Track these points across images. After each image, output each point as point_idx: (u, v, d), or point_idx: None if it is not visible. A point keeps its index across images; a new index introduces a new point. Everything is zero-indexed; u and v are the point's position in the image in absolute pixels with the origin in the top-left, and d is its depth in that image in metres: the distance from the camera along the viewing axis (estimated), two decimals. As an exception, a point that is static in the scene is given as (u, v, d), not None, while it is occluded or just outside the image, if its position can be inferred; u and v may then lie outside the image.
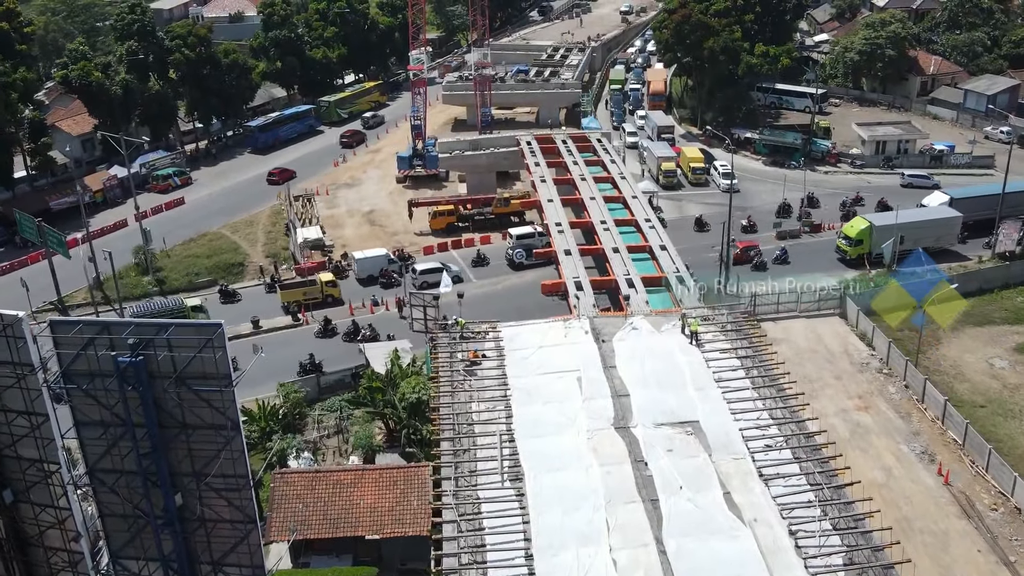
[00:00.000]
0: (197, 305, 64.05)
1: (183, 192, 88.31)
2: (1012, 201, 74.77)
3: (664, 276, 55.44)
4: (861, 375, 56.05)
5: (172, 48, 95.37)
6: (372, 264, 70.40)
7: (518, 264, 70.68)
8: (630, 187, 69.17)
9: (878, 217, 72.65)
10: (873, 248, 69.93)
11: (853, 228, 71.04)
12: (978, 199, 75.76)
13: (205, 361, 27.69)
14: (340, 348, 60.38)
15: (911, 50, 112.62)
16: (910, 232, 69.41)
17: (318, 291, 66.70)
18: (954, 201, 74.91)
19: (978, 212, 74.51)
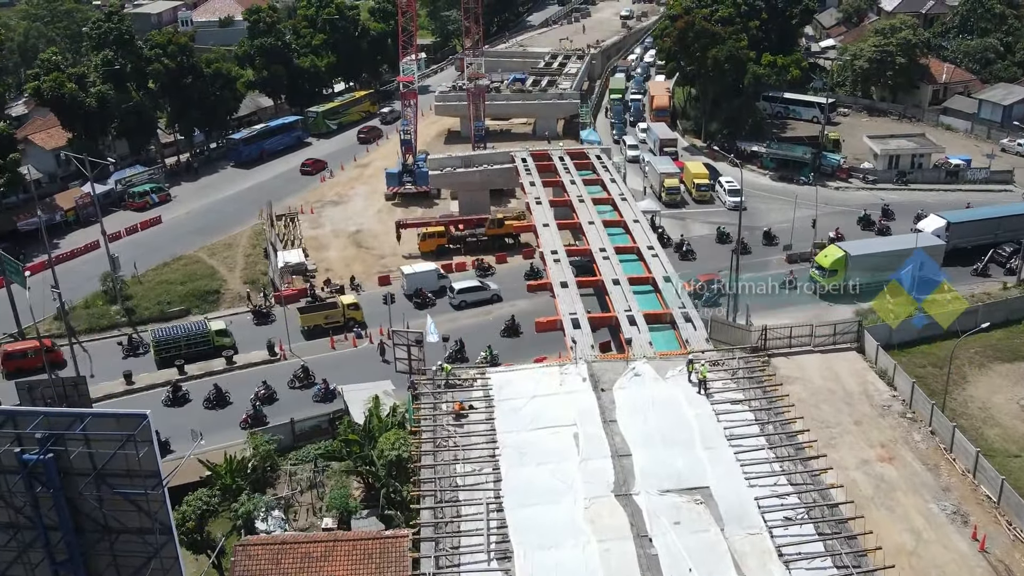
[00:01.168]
0: (222, 329, 60.41)
1: (161, 210, 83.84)
2: (1013, 225, 70.68)
3: (670, 312, 50.98)
4: (883, 420, 51.63)
5: (151, 58, 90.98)
6: (421, 280, 66.82)
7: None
8: (631, 209, 64.71)
9: (854, 246, 67.80)
10: (848, 279, 65.24)
11: (827, 257, 65.96)
12: (977, 223, 71.49)
13: (129, 457, 23.39)
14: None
15: (922, 57, 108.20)
16: (888, 261, 64.56)
17: (340, 314, 62.96)
18: (951, 226, 70.16)
19: (978, 237, 70.38)
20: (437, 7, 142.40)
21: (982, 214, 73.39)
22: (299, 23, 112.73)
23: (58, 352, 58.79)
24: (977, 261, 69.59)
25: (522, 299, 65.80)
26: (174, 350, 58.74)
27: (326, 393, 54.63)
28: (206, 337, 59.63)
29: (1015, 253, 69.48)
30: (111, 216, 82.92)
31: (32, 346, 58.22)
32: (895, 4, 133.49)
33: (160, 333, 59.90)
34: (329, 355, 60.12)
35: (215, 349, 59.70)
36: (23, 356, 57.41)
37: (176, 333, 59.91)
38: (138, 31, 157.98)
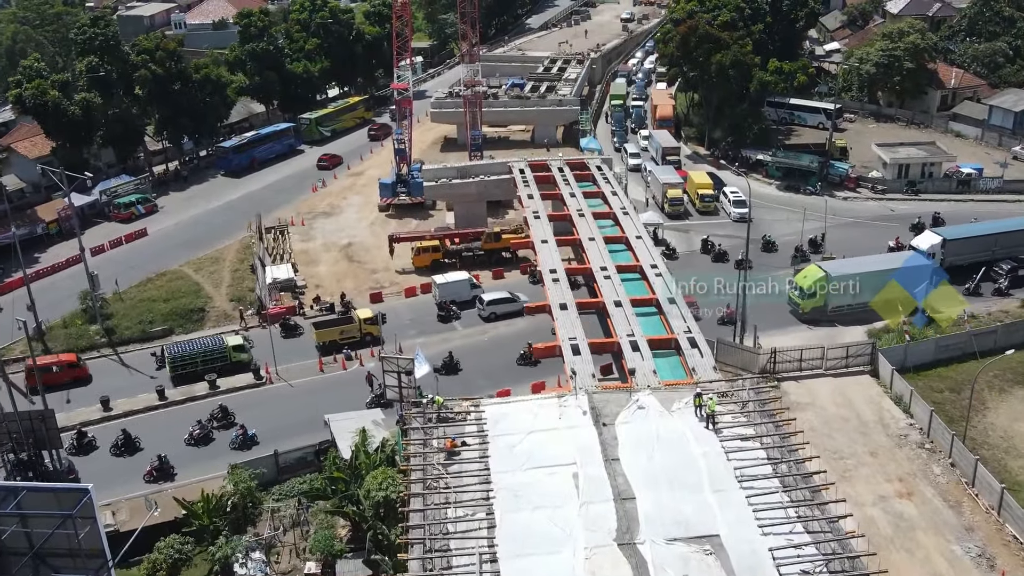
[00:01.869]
0: (239, 344, 58.16)
1: (147, 222, 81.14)
2: (1012, 241, 67.69)
3: (675, 338, 48.24)
4: (900, 451, 48.92)
5: (138, 64, 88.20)
6: (454, 290, 64.70)
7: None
8: (633, 224, 62.00)
9: (835, 266, 64.09)
10: (829, 301, 61.91)
11: (806, 278, 62.27)
12: (974, 240, 68.08)
13: (70, 536, 20.65)
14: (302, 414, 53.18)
15: (931, 62, 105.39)
16: (872, 282, 61.80)
17: (356, 329, 60.65)
18: (947, 243, 66.88)
19: (975, 254, 67.33)
20: (434, 10, 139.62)
21: (979, 230, 69.78)
22: (292, 27, 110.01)
23: (84, 367, 57.29)
24: (968, 280, 66.09)
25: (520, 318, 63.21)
26: (190, 366, 56.58)
27: (244, 440, 50.24)
28: (223, 353, 57.54)
29: (1013, 271, 66.36)
30: (95, 228, 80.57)
31: (58, 360, 56.57)
32: (901, 7, 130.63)
33: (175, 349, 57.65)
34: (317, 379, 57.41)
35: (233, 365, 57.40)
36: (48, 371, 55.48)
37: (192, 348, 57.66)
38: (131, 33, 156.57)
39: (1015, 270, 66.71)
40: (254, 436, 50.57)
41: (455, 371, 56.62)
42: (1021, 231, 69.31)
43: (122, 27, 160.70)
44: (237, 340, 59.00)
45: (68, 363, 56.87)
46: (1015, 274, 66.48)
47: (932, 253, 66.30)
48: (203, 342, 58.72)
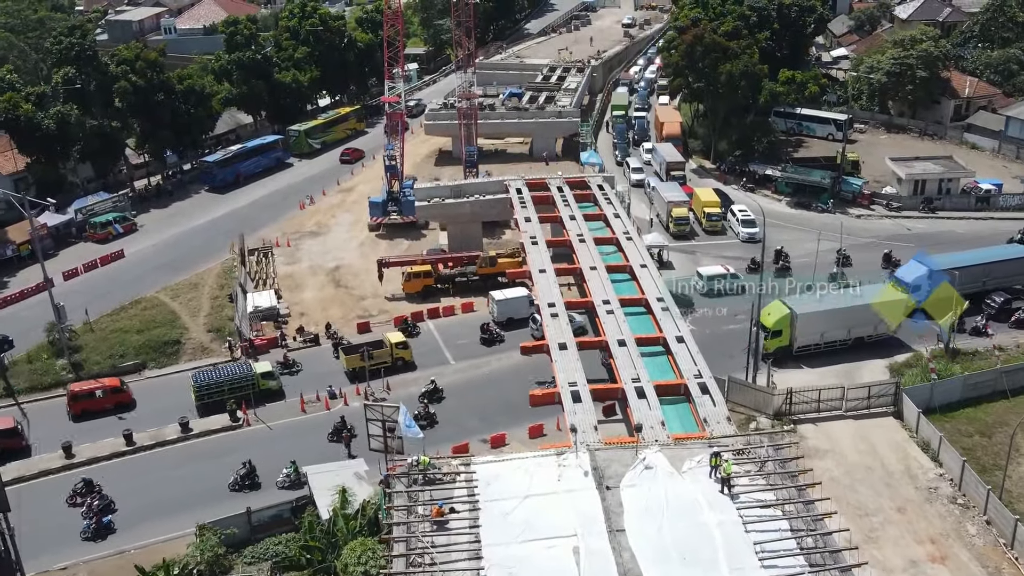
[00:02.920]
0: (268, 372, 55.25)
1: (125, 242, 77.04)
2: (1007, 271, 63.14)
3: (684, 383, 44.24)
4: (930, 506, 44.88)
5: (117, 75, 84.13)
6: (512, 307, 61.66)
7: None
8: (637, 252, 58.00)
9: (801, 302, 58.58)
10: (796, 340, 57.26)
11: (770, 315, 57.04)
12: (966, 271, 62.49)
13: None
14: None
15: (944, 70, 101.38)
16: (842, 319, 57.32)
17: (387, 354, 57.15)
18: (933, 274, 60.96)
19: (967, 285, 61.88)
20: (430, 15, 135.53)
21: (971, 259, 64.35)
22: (281, 35, 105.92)
23: (127, 392, 54.82)
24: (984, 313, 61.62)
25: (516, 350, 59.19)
26: (216, 395, 53.42)
27: (97, 528, 44.23)
28: (251, 380, 54.54)
29: (1006, 304, 61.58)
30: (71, 249, 76.68)
31: (101, 385, 53.96)
32: (910, 12, 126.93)
33: (201, 377, 54.50)
34: (298, 420, 53.32)
35: (261, 393, 54.46)
36: (91, 396, 53.38)
37: (218, 376, 54.48)
38: (119, 39, 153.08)
39: (1008, 303, 61.85)
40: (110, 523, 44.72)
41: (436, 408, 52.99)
42: (1017, 260, 64.46)
43: (110, 32, 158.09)
44: (265, 366, 55.96)
45: (111, 388, 54.11)
46: (1007, 307, 61.69)
47: (918, 285, 61.15)
48: (229, 369, 55.49)
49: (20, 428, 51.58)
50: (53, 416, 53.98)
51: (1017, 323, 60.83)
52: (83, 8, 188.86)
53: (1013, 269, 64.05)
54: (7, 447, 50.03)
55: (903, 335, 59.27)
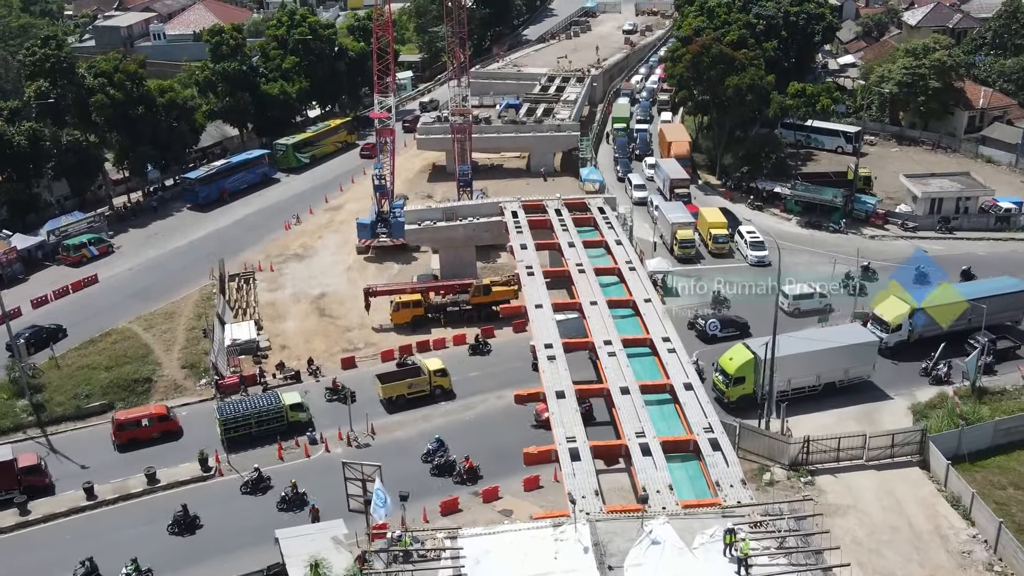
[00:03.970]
0: (298, 403, 52.49)
1: (100, 265, 72.95)
2: (995, 307, 57.95)
3: (693, 439, 40.25)
4: (964, 573, 40.93)
5: (95, 88, 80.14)
6: (571, 328, 56.20)
7: (711, 336, 59.94)
8: (641, 284, 53.92)
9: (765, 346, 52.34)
10: (760, 387, 52.16)
11: (732, 361, 52.53)
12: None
13: None
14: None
15: (958, 80, 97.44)
16: (811, 364, 52.76)
17: (426, 383, 54.55)
18: (916, 312, 57.71)
19: (953, 323, 58.36)
20: (425, 21, 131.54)
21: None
22: (268, 44, 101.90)
23: (174, 420, 52.57)
24: (927, 359, 56.52)
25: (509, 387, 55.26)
26: (244, 428, 50.84)
27: None
28: (279, 413, 51.80)
29: (992, 344, 56.09)
30: (42, 273, 72.74)
31: (147, 413, 51.88)
32: (919, 18, 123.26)
33: (227, 409, 51.66)
34: (276, 468, 49.08)
35: (290, 426, 51.82)
36: (137, 425, 51.30)
37: (246, 408, 51.70)
38: (107, 45, 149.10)
39: (993, 343, 56.57)
40: None
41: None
42: (1007, 295, 59.31)
43: (97, 38, 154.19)
44: (294, 397, 52.97)
45: (158, 416, 51.74)
46: (993, 348, 56.58)
47: (899, 325, 57.46)
48: (257, 400, 52.71)
49: (43, 464, 48.67)
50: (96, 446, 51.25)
51: (984, 368, 55.11)
52: (72, 13, 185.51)
53: (1005, 305, 58.83)
54: (30, 484, 47.37)
55: (880, 380, 55.00)
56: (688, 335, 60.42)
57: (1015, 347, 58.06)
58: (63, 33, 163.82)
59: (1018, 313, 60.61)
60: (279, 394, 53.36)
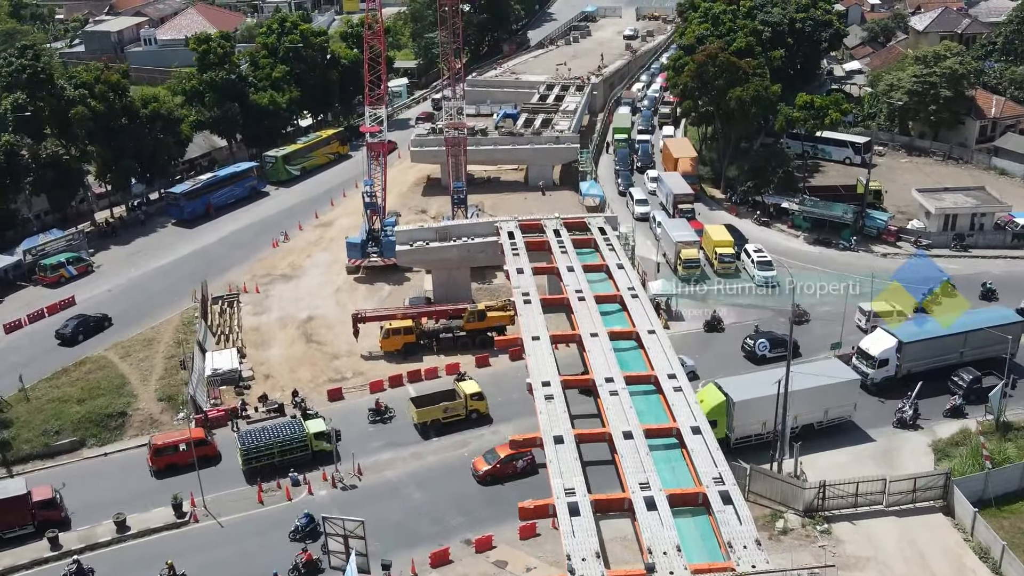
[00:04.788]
0: (322, 431, 50.06)
1: (78, 286, 69.67)
2: (985, 340, 55.28)
3: (703, 492, 37.13)
4: (995, 636, 37.86)
5: (75, 99, 76.95)
6: None
7: (760, 357, 57.39)
8: (645, 313, 50.77)
9: (738, 386, 49.99)
10: (733, 431, 49.24)
11: (702, 403, 46.85)
12: (939, 341, 55.26)
13: None
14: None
15: (969, 89, 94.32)
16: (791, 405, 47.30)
17: (462, 406, 52.44)
18: (904, 346, 54.32)
19: (941, 357, 55.13)
20: (420, 27, 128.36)
21: (947, 327, 56.29)
22: (257, 52, 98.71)
23: (212, 444, 50.55)
24: (903, 398, 52.52)
25: (505, 422, 52.30)
26: (266, 458, 48.63)
27: None
28: (303, 441, 49.57)
29: (975, 383, 53.41)
30: (18, 294, 69.62)
31: (184, 438, 49.26)
32: (926, 23, 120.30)
33: (248, 439, 49.42)
34: (255, 514, 46.14)
35: (314, 456, 49.70)
36: (174, 450, 49.13)
37: (268, 437, 49.41)
38: (97, 50, 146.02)
39: (978, 381, 53.69)
40: None
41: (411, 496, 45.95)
42: (996, 327, 55.62)
43: (87, 43, 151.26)
44: (319, 425, 50.54)
45: (196, 440, 48.93)
46: (978, 386, 53.54)
47: (885, 359, 54.15)
48: (279, 429, 50.23)
49: (58, 498, 46.35)
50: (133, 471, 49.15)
51: (952, 411, 52.43)
52: (63, 17, 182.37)
53: (995, 338, 54.86)
54: (45, 519, 45.24)
55: (861, 420, 51.57)
56: (738, 355, 58.50)
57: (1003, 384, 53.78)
58: (54, 38, 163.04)
59: (1012, 345, 56.20)
60: (302, 422, 50.81)
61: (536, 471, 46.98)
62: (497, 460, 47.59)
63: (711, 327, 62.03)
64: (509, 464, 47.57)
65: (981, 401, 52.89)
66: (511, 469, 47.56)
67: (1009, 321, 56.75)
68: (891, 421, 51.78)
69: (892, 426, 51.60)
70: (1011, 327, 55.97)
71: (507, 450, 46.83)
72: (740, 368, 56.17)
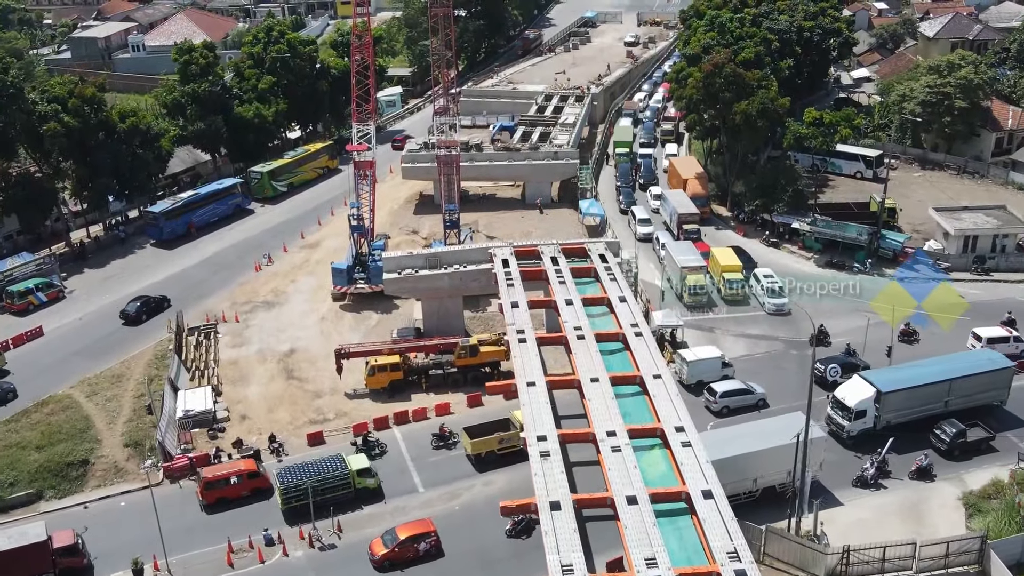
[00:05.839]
0: (365, 468, 47.38)
1: (47, 314, 65.69)
2: (972, 387, 51.21)
3: (716, 570, 33.12)
4: None
5: (47, 115, 72.99)
6: (705, 368, 55.61)
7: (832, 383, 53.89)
8: (649, 354, 46.79)
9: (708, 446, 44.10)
10: None
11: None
12: (922, 390, 50.49)
13: None
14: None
15: (985, 99, 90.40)
16: (741, 467, 44.00)
17: (518, 437, 46.97)
18: (883, 396, 49.51)
19: (924, 407, 50.54)
20: (415, 34, 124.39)
21: (929, 375, 51.21)
22: (243, 62, 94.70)
23: (264, 476, 48.07)
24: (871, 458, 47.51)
25: (497, 471, 48.40)
26: (306, 497, 45.24)
27: None
28: (345, 479, 46.71)
29: (960, 436, 48.67)
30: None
31: (236, 471, 47.44)
32: (937, 29, 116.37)
33: (287, 476, 46.36)
34: (221, 581, 42.26)
35: (356, 494, 46.95)
36: (225, 484, 46.88)
37: (308, 474, 46.28)
38: (83, 56, 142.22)
39: (962, 435, 48.94)
40: None
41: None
42: (984, 374, 51.61)
43: (73, 50, 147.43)
44: (362, 461, 47.80)
45: (248, 472, 47.26)
46: (962, 440, 48.89)
47: (863, 410, 49.22)
48: (319, 465, 47.17)
49: (80, 544, 43.68)
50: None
51: (919, 473, 47.51)
52: (51, 22, 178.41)
53: (982, 385, 51.39)
54: (67, 567, 42.83)
55: (831, 479, 46.61)
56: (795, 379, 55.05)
57: (989, 438, 49.49)
58: (41, 43, 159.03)
59: (1001, 393, 52.41)
60: (344, 457, 47.70)
61: (441, 554, 42.59)
62: (396, 542, 42.29)
63: None
64: (409, 547, 42.36)
65: (966, 457, 48.35)
66: (412, 553, 42.36)
67: (997, 367, 52.04)
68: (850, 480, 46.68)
69: (852, 485, 46.50)
70: (1000, 374, 51.68)
71: (408, 531, 42.61)
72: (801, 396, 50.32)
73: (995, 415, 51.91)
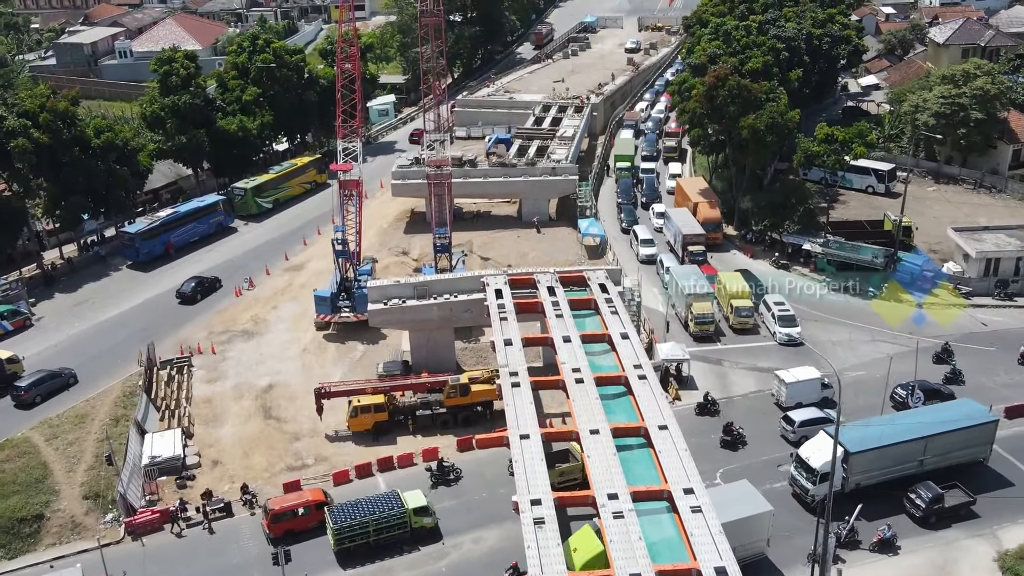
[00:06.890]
0: (423, 506, 44.61)
1: (13, 343, 61.44)
2: (948, 445, 46.71)
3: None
4: None
5: (16, 130, 69.06)
6: (804, 390, 53.11)
7: None
8: (655, 400, 42.83)
9: None
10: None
11: (578, 553, 37.00)
12: (895, 449, 45.62)
13: None
14: None
15: (1002, 110, 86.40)
16: None
17: (579, 470, 44.74)
18: (851, 457, 44.89)
19: (897, 467, 45.86)
20: (409, 40, 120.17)
21: (900, 433, 46.13)
22: (227, 74, 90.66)
23: (331, 505, 45.69)
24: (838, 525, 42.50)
25: (495, 524, 44.34)
26: (360, 537, 43.22)
27: None
28: (402, 518, 44.17)
29: (936, 502, 44.03)
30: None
31: (303, 502, 45.33)
32: (947, 35, 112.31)
33: (340, 516, 43.72)
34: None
35: (413, 533, 44.39)
36: (292, 516, 44.84)
37: (363, 513, 43.81)
38: (69, 63, 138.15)
39: (939, 500, 44.27)
40: None
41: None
42: (964, 429, 47.10)
43: (59, 56, 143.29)
44: (419, 499, 44.79)
45: (316, 503, 45.17)
46: (939, 505, 44.23)
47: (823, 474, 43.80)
48: (374, 504, 44.59)
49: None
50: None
51: (880, 545, 42.75)
52: (39, 27, 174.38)
53: (959, 443, 46.95)
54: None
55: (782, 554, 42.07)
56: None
57: (970, 502, 44.84)
58: (28, 49, 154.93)
59: (983, 450, 47.76)
60: (400, 495, 44.89)
61: None
62: None
63: (703, 409, 53.20)
64: None
65: (944, 525, 43.81)
66: None
67: (978, 422, 47.40)
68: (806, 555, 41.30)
69: (807, 559, 41.13)
70: (981, 429, 47.19)
71: None
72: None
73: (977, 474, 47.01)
